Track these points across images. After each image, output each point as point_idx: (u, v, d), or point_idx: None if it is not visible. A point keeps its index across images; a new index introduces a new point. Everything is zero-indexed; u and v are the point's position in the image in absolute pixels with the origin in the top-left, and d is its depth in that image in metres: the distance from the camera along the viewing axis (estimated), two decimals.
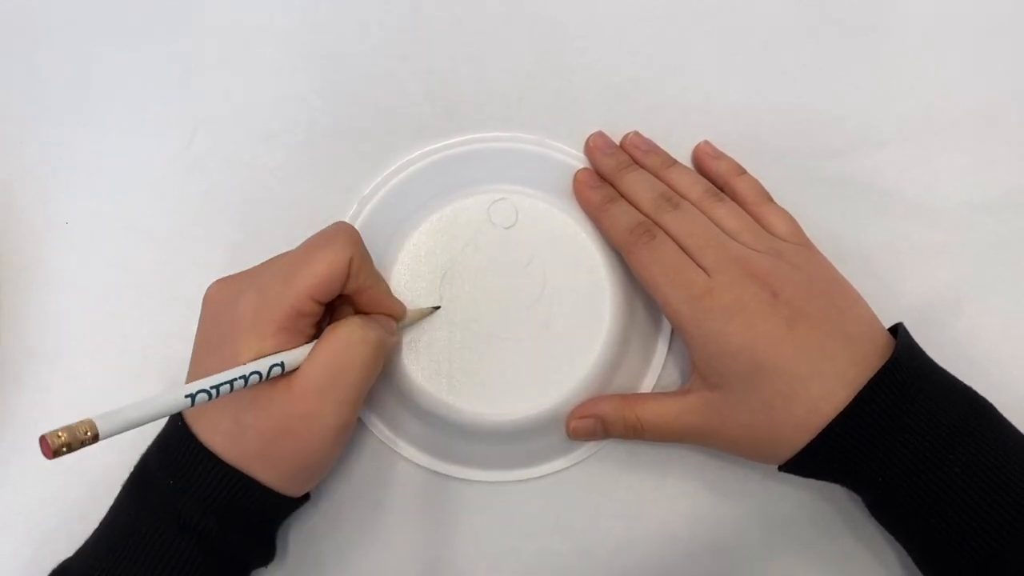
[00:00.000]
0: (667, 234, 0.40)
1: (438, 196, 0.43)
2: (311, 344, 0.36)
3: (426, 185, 0.44)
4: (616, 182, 0.43)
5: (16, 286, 0.45)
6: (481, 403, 0.41)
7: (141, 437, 0.37)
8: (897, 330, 0.38)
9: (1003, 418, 0.37)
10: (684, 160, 0.45)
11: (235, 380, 0.32)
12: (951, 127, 0.46)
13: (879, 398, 0.35)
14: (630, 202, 0.42)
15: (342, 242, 0.36)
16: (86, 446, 0.27)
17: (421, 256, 0.42)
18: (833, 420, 0.35)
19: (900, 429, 0.35)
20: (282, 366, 0.35)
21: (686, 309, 0.38)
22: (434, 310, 0.42)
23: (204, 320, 0.38)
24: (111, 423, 0.27)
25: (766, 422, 0.37)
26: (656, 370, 0.44)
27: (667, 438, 0.41)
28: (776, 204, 0.43)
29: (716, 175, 0.44)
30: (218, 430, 0.36)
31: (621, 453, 0.43)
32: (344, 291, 0.37)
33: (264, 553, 0.39)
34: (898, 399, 0.35)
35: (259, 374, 0.33)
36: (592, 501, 0.43)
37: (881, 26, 0.47)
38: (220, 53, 0.47)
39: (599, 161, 0.44)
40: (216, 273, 0.38)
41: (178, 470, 0.35)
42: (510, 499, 0.43)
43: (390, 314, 0.40)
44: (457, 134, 0.46)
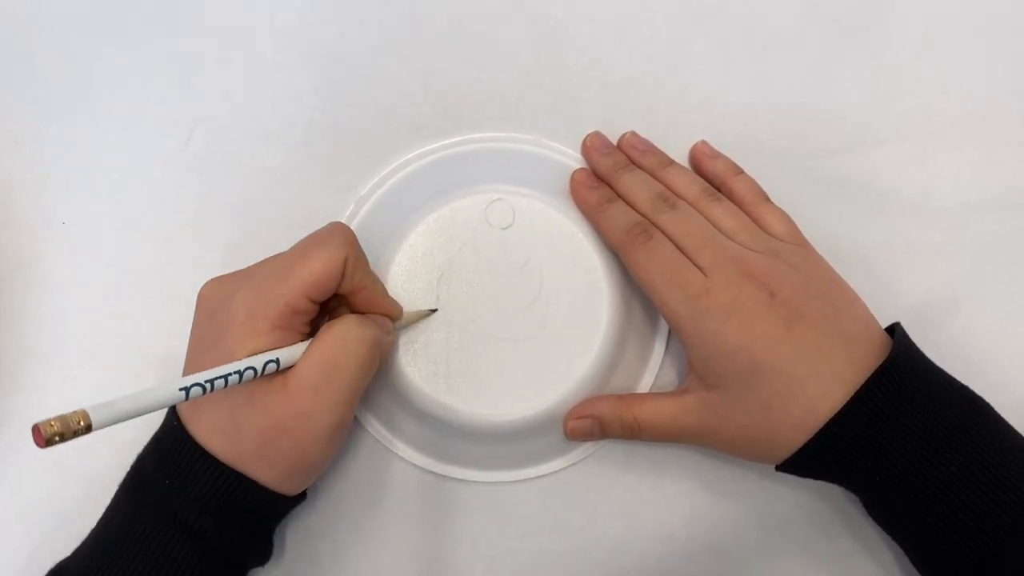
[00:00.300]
0: (664, 234, 0.40)
1: (435, 196, 0.43)
2: (306, 342, 0.36)
3: (423, 185, 0.44)
4: (613, 182, 0.43)
5: (13, 286, 0.45)
6: (478, 403, 0.41)
7: (139, 437, 0.38)
8: (894, 330, 0.38)
9: (1000, 418, 0.37)
10: (681, 160, 0.45)
11: (229, 375, 0.32)
12: (948, 127, 0.46)
13: (876, 398, 0.35)
14: (627, 202, 0.42)
15: (338, 241, 0.36)
16: (79, 436, 0.27)
17: (418, 257, 0.42)
18: (830, 420, 0.35)
19: (897, 429, 0.35)
20: (277, 363, 0.35)
21: (683, 309, 0.38)
22: (431, 312, 0.42)
23: (198, 318, 0.38)
24: (104, 414, 0.27)
25: (763, 422, 0.37)
26: (653, 370, 0.44)
27: (664, 438, 0.41)
28: (773, 204, 0.43)
29: (713, 175, 0.44)
30: (214, 429, 0.36)
31: (618, 453, 0.43)
32: (339, 290, 0.37)
33: (261, 552, 0.39)
34: (895, 399, 0.35)
35: (254, 370, 0.33)
36: (589, 501, 0.43)
37: (878, 26, 0.47)
38: (219, 53, 0.47)
39: (596, 161, 0.44)
40: (214, 273, 0.38)
41: (174, 470, 0.35)
42: (507, 499, 0.43)
43: (386, 314, 0.40)
44: (456, 134, 0.46)
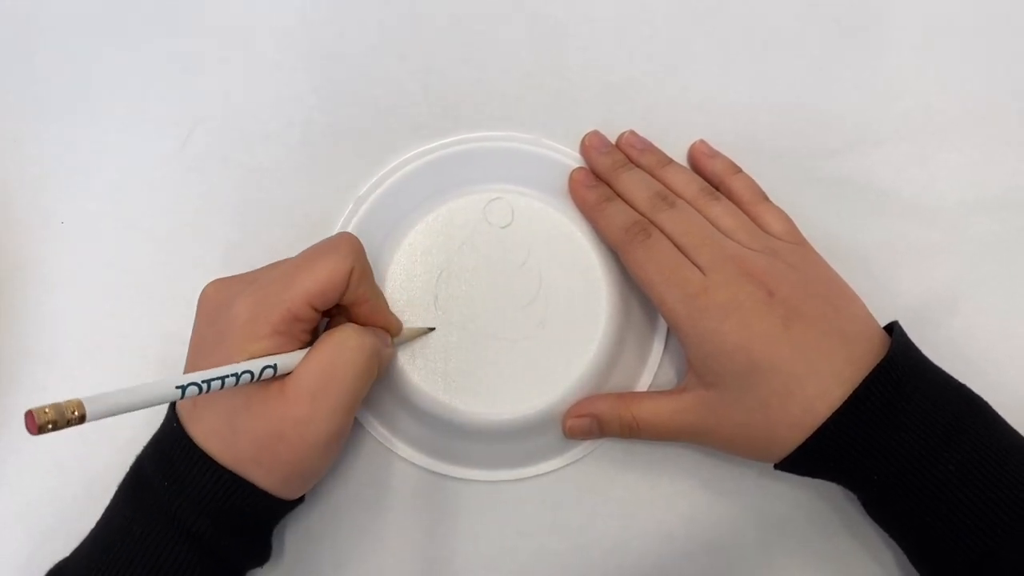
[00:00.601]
0: (663, 233, 0.40)
1: (434, 196, 0.43)
2: (305, 350, 0.36)
3: (422, 184, 0.44)
4: (612, 181, 0.43)
5: (13, 286, 0.45)
6: (477, 402, 0.41)
7: (138, 437, 0.38)
8: (893, 329, 0.38)
9: (998, 416, 0.37)
10: (680, 159, 0.45)
11: (226, 377, 0.32)
12: (948, 127, 0.46)
13: (874, 396, 0.35)
14: (626, 201, 0.42)
15: (344, 251, 0.36)
16: (72, 426, 0.26)
17: (417, 256, 0.42)
18: (828, 419, 0.35)
19: (895, 427, 0.35)
20: (274, 368, 0.34)
21: (682, 308, 0.38)
22: (429, 331, 0.42)
23: (199, 319, 0.38)
24: (99, 405, 0.27)
25: (762, 421, 0.37)
26: (652, 369, 0.44)
27: (663, 437, 0.41)
28: (772, 203, 0.43)
29: (712, 174, 0.44)
30: (213, 432, 0.36)
31: (617, 452, 0.43)
32: (342, 301, 0.37)
33: (259, 554, 0.39)
34: (893, 397, 0.35)
35: (251, 373, 0.33)
36: (588, 500, 0.43)
37: (878, 26, 0.47)
38: (219, 53, 0.47)
39: (595, 160, 0.44)
40: (214, 273, 0.39)
41: (173, 471, 0.35)
42: (507, 498, 0.43)
43: (386, 328, 0.40)
44: (456, 133, 0.46)
